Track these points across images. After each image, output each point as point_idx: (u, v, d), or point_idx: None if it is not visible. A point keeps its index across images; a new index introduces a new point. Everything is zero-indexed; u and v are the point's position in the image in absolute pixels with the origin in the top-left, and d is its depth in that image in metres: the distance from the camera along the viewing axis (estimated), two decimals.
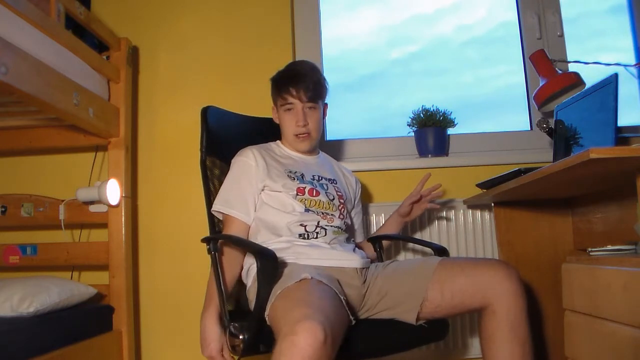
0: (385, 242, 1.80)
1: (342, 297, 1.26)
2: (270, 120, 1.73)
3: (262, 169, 1.56)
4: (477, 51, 2.51)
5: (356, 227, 1.76)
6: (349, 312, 1.26)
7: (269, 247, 1.47)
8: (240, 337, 1.24)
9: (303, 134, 1.61)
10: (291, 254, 1.45)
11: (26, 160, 2.25)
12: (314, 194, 1.55)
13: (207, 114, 1.70)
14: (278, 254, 1.45)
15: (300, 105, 1.59)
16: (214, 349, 1.36)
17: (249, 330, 1.25)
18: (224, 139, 1.73)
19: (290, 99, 1.59)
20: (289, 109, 1.60)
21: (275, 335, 1.10)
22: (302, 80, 1.58)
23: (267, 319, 1.24)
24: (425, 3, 2.51)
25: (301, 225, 1.50)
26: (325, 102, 1.70)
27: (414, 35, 2.51)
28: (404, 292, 1.40)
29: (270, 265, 1.26)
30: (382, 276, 1.47)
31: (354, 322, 1.28)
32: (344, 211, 1.60)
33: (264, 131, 1.78)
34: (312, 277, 1.26)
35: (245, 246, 1.45)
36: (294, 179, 1.56)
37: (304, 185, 1.55)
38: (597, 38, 2.44)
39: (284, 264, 1.41)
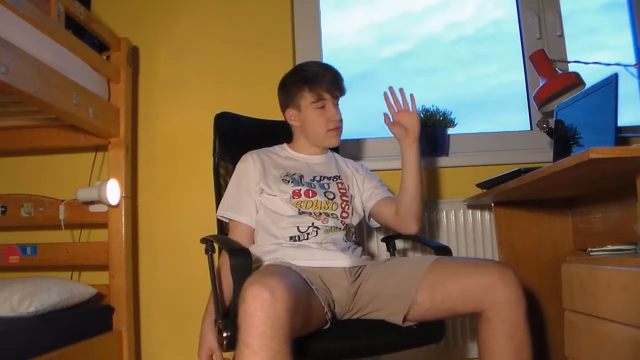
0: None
1: (313, 287, 1.28)
2: (281, 122, 1.73)
3: (259, 173, 1.58)
4: (467, 49, 2.51)
5: (384, 194, 1.68)
6: (324, 306, 1.28)
7: (262, 250, 1.50)
8: (224, 334, 1.26)
9: (337, 128, 1.63)
10: (278, 255, 1.46)
11: (26, 160, 2.25)
12: (311, 195, 1.55)
13: (220, 119, 1.74)
14: (266, 256, 1.48)
15: (332, 101, 1.62)
16: (204, 353, 1.45)
17: (231, 326, 1.26)
18: (236, 143, 1.74)
19: (325, 95, 1.60)
20: (322, 106, 1.61)
21: None
22: (333, 75, 1.61)
23: None
24: (412, 1, 2.50)
25: (294, 227, 1.51)
26: None
27: (404, 34, 2.51)
28: (393, 293, 1.38)
29: (241, 263, 1.27)
30: (374, 276, 1.46)
31: (329, 315, 1.30)
32: (347, 208, 1.59)
33: (275, 133, 1.78)
34: (281, 264, 1.30)
35: (223, 245, 1.44)
36: (289, 182, 1.56)
37: (299, 188, 1.56)
38: (590, 35, 2.45)
39: (259, 265, 1.44)
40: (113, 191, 1.92)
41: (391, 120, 1.59)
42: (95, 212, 2.02)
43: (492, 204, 2.00)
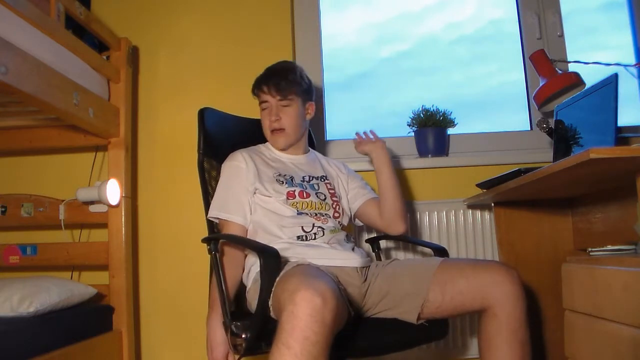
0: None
1: (341, 287, 1.28)
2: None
3: (253, 172, 1.57)
4: (467, 49, 2.51)
5: (369, 194, 1.71)
6: (349, 307, 1.28)
7: None
8: (243, 336, 1.24)
9: (277, 129, 1.63)
10: (291, 254, 1.46)
11: (26, 160, 2.25)
12: (305, 196, 1.56)
13: (204, 115, 1.71)
14: (281, 254, 1.46)
15: (274, 102, 1.63)
16: (220, 352, 1.40)
17: (251, 328, 1.25)
18: (221, 140, 1.73)
19: (263, 96, 1.64)
20: (264, 108, 1.65)
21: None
22: (272, 78, 1.63)
23: (271, 309, 1.26)
24: (411, 1, 2.51)
25: (298, 226, 1.51)
26: (311, 101, 1.70)
27: (403, 34, 2.51)
28: (405, 292, 1.41)
29: (273, 263, 1.27)
30: (382, 275, 1.47)
31: (352, 314, 1.30)
32: (338, 209, 1.60)
33: (260, 133, 1.77)
34: (309, 263, 1.31)
35: (248, 245, 1.44)
36: (283, 183, 1.57)
37: (293, 189, 1.56)
38: (589, 35, 2.45)
39: (284, 262, 1.42)
40: (113, 191, 1.92)
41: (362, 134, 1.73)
42: (95, 212, 2.02)
43: (492, 204, 2.00)
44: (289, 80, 1.62)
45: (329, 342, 1.06)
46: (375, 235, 1.82)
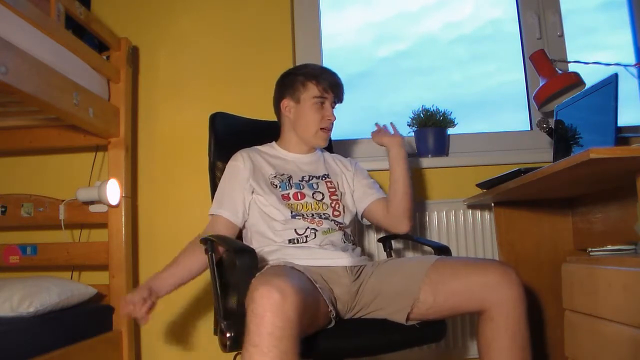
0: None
1: (317, 286, 1.28)
2: (276, 123, 1.73)
3: (249, 170, 1.58)
4: (465, 49, 2.51)
5: (376, 194, 1.68)
6: (329, 304, 1.29)
7: (263, 251, 1.50)
8: (228, 335, 1.26)
9: (329, 128, 1.65)
10: (280, 255, 1.46)
11: (26, 160, 2.25)
12: (300, 198, 1.56)
13: (215, 120, 1.73)
14: (268, 257, 1.48)
15: (330, 102, 1.64)
16: (133, 294, 1.41)
17: (235, 326, 1.26)
18: (232, 143, 1.73)
19: (325, 93, 1.62)
20: (321, 103, 1.63)
21: None
22: (338, 80, 1.66)
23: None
24: (409, 1, 2.51)
25: (292, 229, 1.51)
26: None
27: (401, 34, 2.51)
28: (396, 292, 1.38)
29: (248, 262, 1.27)
30: (376, 274, 1.46)
31: (333, 313, 1.30)
32: (338, 207, 1.59)
33: (270, 134, 1.77)
34: (285, 265, 1.31)
35: (227, 244, 1.43)
36: (277, 187, 1.57)
37: (287, 192, 1.56)
38: (589, 35, 2.45)
39: (264, 265, 1.43)
40: (113, 191, 1.92)
41: (381, 126, 1.71)
42: (95, 212, 2.02)
43: (492, 204, 2.00)
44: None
45: (296, 338, 1.06)
46: (387, 234, 1.82)
